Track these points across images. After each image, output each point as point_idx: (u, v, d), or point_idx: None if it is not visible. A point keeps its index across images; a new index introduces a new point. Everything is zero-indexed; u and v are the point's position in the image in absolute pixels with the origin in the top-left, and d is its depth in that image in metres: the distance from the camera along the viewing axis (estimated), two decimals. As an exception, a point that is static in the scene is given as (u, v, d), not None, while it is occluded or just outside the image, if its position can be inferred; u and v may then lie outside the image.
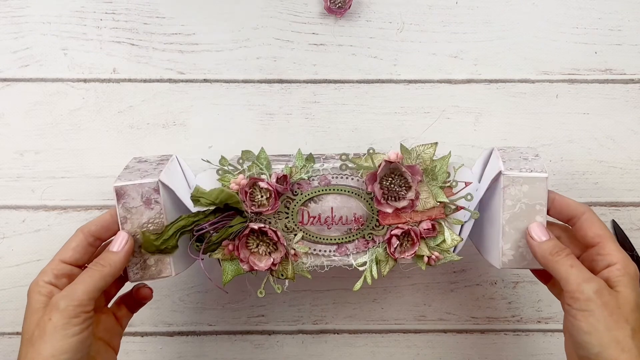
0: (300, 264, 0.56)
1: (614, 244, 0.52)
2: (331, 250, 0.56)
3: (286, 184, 0.54)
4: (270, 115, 0.67)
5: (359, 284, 0.56)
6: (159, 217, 0.54)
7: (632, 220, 0.67)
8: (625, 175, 0.67)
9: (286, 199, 0.55)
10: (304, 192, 0.55)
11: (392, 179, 0.54)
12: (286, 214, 0.55)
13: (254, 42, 0.66)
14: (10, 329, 0.68)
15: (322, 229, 0.56)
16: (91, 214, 0.67)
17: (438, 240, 0.55)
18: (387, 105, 0.67)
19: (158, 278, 0.56)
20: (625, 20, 0.66)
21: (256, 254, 0.55)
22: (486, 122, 0.67)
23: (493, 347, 0.68)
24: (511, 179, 0.53)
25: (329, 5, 0.65)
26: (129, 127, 0.67)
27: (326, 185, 0.55)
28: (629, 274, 0.50)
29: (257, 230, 0.54)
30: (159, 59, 0.66)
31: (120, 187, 0.53)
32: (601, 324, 0.48)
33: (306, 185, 0.54)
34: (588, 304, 0.48)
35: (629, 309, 0.48)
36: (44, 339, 0.48)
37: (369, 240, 0.56)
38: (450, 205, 0.55)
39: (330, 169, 0.55)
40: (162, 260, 0.55)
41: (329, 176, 0.55)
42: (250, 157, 0.55)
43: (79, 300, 0.49)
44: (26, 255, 0.67)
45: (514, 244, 0.55)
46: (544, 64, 0.66)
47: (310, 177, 0.54)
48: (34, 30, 0.66)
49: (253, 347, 0.68)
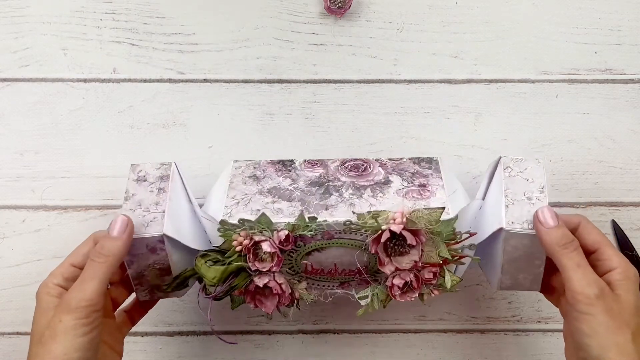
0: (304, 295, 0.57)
1: (613, 249, 0.52)
2: (334, 286, 0.57)
3: (289, 243, 0.53)
4: (270, 115, 0.67)
5: (361, 311, 0.57)
6: (165, 258, 0.55)
7: (632, 220, 0.67)
8: (625, 175, 0.67)
9: (289, 252, 0.54)
10: (307, 244, 0.54)
11: (397, 240, 0.53)
12: (289, 260, 0.55)
13: (254, 42, 0.66)
14: (10, 329, 0.68)
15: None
16: (91, 214, 0.67)
17: (438, 282, 0.55)
18: (387, 105, 0.67)
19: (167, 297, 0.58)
20: (625, 20, 0.66)
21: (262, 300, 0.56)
22: (486, 122, 0.67)
23: (493, 347, 0.68)
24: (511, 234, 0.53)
25: (329, 5, 0.65)
26: (129, 127, 0.67)
27: (329, 239, 0.54)
28: (629, 278, 0.50)
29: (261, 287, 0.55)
30: (159, 59, 0.66)
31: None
32: (602, 327, 0.48)
33: (309, 239, 0.54)
34: (590, 307, 0.48)
35: (630, 313, 0.49)
36: (55, 339, 0.48)
37: (371, 280, 0.56)
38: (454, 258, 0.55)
39: (334, 224, 0.53)
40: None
41: (332, 232, 0.53)
42: (249, 224, 0.53)
43: (89, 299, 0.49)
44: (26, 255, 0.67)
45: (513, 276, 0.56)
46: (544, 64, 0.66)
47: (313, 235, 0.53)
48: (34, 30, 0.66)
49: (253, 347, 0.68)
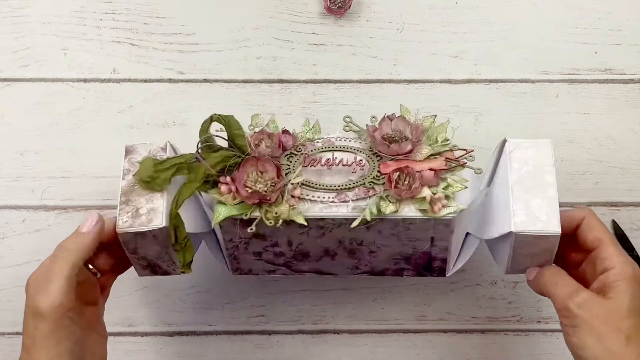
0: (296, 207, 0.53)
1: (613, 247, 0.50)
2: (330, 197, 0.54)
3: (292, 140, 0.55)
4: (270, 116, 0.67)
5: (358, 220, 0.52)
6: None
7: (632, 220, 0.67)
8: (625, 175, 0.67)
9: (289, 154, 0.55)
10: (307, 149, 0.56)
11: (394, 132, 0.55)
12: (288, 165, 0.55)
13: (254, 42, 0.66)
14: (10, 329, 0.68)
15: (322, 174, 0.55)
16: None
17: (441, 185, 0.53)
18: (387, 105, 0.67)
19: (147, 227, 0.54)
20: (625, 20, 0.66)
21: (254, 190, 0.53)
22: (486, 122, 0.67)
23: (493, 347, 0.68)
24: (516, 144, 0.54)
25: (329, 5, 0.65)
26: (129, 127, 0.67)
27: (330, 146, 0.56)
28: (626, 279, 0.49)
29: (257, 160, 0.53)
30: (159, 59, 0.66)
31: (130, 145, 0.57)
32: (591, 337, 0.47)
33: (310, 145, 0.56)
34: (575, 319, 0.48)
35: (622, 316, 0.47)
36: (36, 347, 0.47)
37: (370, 189, 0.54)
38: (451, 162, 0.54)
39: (334, 136, 0.56)
40: (154, 210, 0.54)
41: (333, 139, 0.56)
42: (259, 122, 0.57)
43: (59, 302, 0.48)
44: (26, 255, 0.67)
45: (525, 204, 0.52)
46: (544, 64, 0.66)
47: (315, 139, 0.56)
48: (34, 30, 0.66)
49: (253, 347, 0.68)
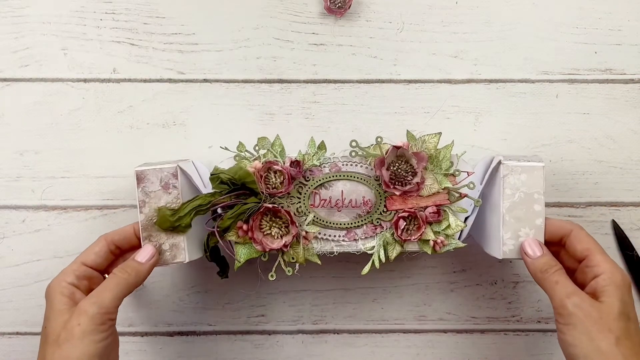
0: (310, 249, 0.58)
1: (601, 255, 0.54)
2: (340, 235, 0.58)
3: (299, 168, 0.57)
4: (270, 115, 0.67)
5: (367, 267, 0.58)
6: (176, 201, 0.57)
7: (632, 220, 0.67)
8: (625, 175, 0.67)
9: (298, 185, 0.58)
10: (315, 177, 0.57)
11: (399, 164, 0.57)
12: (298, 198, 0.57)
13: (254, 42, 0.66)
14: (11, 329, 0.68)
15: (331, 212, 0.58)
16: (91, 214, 0.67)
17: (443, 225, 0.58)
18: (387, 105, 0.67)
19: (172, 263, 0.58)
20: (625, 20, 0.66)
21: (269, 235, 0.57)
22: (486, 122, 0.67)
23: (493, 347, 0.68)
24: (510, 168, 0.56)
25: (329, 5, 0.65)
26: (129, 127, 0.67)
27: (337, 172, 0.57)
28: (614, 283, 0.52)
29: (270, 209, 0.56)
30: (159, 59, 0.66)
31: (140, 171, 0.57)
32: (584, 335, 0.50)
33: (317, 171, 0.57)
34: (570, 318, 0.51)
35: (613, 318, 0.51)
36: (72, 342, 0.50)
37: (377, 226, 0.58)
38: (454, 192, 0.58)
39: (340, 157, 0.58)
40: (176, 245, 0.57)
41: (339, 163, 0.58)
42: (265, 145, 0.58)
43: (107, 307, 0.52)
44: (26, 255, 0.67)
45: (514, 234, 0.57)
46: (544, 64, 0.66)
47: (322, 164, 0.57)
48: (34, 30, 0.66)
49: (253, 347, 0.68)
